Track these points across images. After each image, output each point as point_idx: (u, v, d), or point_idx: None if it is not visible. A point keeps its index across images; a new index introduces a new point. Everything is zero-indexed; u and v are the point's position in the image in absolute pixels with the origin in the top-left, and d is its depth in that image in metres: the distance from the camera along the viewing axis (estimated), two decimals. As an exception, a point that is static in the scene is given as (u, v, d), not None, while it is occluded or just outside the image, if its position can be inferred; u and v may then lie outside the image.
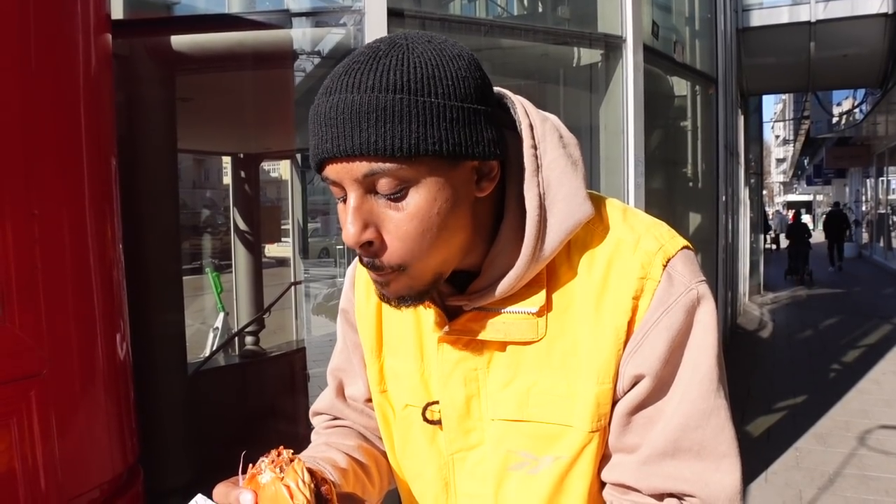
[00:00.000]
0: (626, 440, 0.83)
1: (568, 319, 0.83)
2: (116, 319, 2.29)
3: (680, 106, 4.91)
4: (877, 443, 5.35)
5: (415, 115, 0.70)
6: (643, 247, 0.81)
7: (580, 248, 0.84)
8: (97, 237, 2.17)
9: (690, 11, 5.10)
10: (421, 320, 0.93)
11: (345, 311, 1.07)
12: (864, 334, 9.62)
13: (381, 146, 0.70)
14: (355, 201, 0.74)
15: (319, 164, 0.75)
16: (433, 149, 0.71)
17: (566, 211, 0.81)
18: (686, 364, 0.80)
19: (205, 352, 6.76)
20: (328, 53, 3.61)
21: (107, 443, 2.18)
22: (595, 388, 0.81)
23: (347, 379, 1.11)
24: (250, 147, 6.89)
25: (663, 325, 0.79)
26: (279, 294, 7.13)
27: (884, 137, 17.59)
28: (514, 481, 0.88)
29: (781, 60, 11.18)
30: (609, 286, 0.81)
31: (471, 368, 0.88)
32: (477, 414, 0.89)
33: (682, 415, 0.80)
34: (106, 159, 2.28)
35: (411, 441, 0.97)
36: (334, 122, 0.71)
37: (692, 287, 0.80)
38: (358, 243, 0.75)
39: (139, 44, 3.27)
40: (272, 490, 0.72)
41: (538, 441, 0.86)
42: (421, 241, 0.75)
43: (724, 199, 5.79)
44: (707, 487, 0.79)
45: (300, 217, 7.99)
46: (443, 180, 0.74)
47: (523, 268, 0.80)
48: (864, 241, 23.97)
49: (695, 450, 0.80)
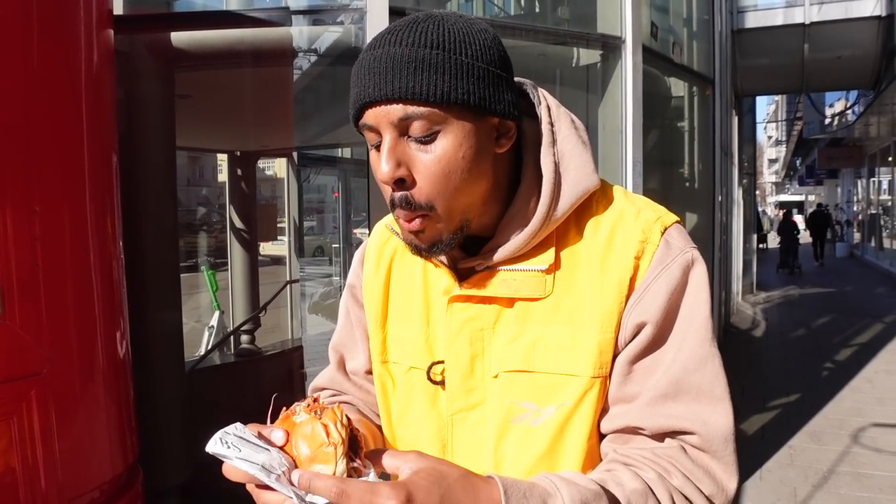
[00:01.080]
0: (627, 390, 0.89)
1: (574, 278, 0.91)
2: (116, 317, 2.28)
3: (677, 106, 4.92)
4: (870, 441, 5.38)
5: (448, 69, 0.81)
6: (644, 216, 0.92)
7: (587, 215, 0.93)
8: (98, 234, 2.16)
9: (688, 13, 5.11)
10: (429, 287, 1.00)
11: (352, 286, 1.14)
12: (857, 333, 9.67)
13: (417, 91, 0.79)
14: (390, 142, 0.82)
15: (359, 110, 0.84)
16: (462, 98, 0.81)
17: (577, 178, 0.92)
18: (683, 316, 0.88)
19: (200, 350, 6.74)
20: (327, 51, 3.60)
21: (107, 442, 2.17)
22: (598, 335, 0.88)
23: (349, 353, 1.16)
24: (248, 144, 6.87)
25: (663, 280, 0.88)
26: (275, 292, 7.11)
27: (875, 139, 17.67)
28: (514, 434, 0.92)
29: (775, 62, 11.22)
30: (613, 248, 0.90)
31: (477, 328, 0.94)
32: (480, 373, 0.95)
33: (682, 360, 0.87)
34: (107, 156, 2.27)
35: (412, 406, 1.01)
36: (377, 70, 0.81)
37: (687, 251, 0.90)
38: (392, 179, 0.83)
39: (139, 40, 3.25)
40: (309, 429, 0.72)
41: (542, 391, 0.91)
42: (447, 181, 0.84)
43: (721, 198, 5.80)
44: (706, 426, 0.85)
45: (296, 215, 7.97)
46: (468, 130, 0.83)
47: (538, 224, 0.89)
48: (855, 241, 24.08)
49: (693, 392, 0.86)
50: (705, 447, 0.86)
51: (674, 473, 0.85)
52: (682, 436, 0.87)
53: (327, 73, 3.91)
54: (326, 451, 0.71)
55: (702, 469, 0.86)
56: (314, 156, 8.28)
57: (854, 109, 15.12)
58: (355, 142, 6.14)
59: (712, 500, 0.86)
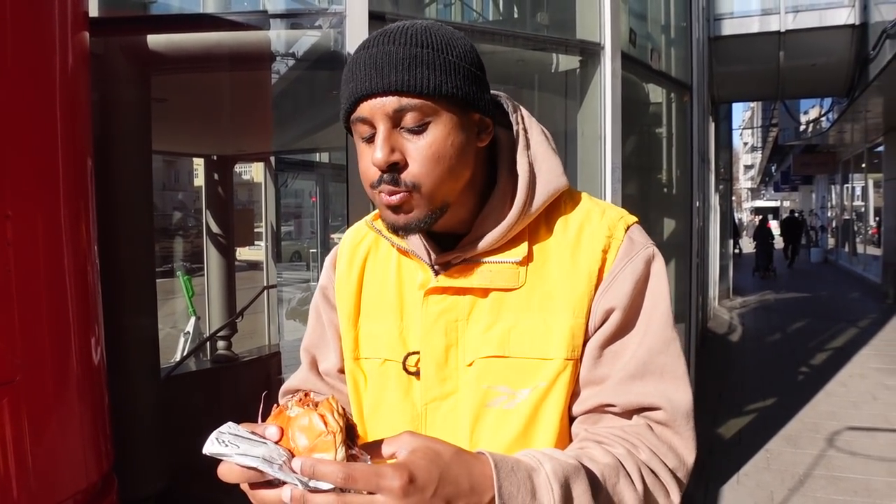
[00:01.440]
0: (598, 372, 0.96)
1: (546, 270, 0.99)
2: (91, 323, 2.25)
3: (655, 113, 4.94)
4: (845, 444, 5.45)
5: (437, 65, 0.90)
6: (608, 214, 1.02)
7: (556, 214, 1.03)
8: (72, 239, 2.13)
9: (666, 20, 5.15)
10: (403, 282, 1.07)
11: (324, 287, 1.18)
12: (831, 337, 9.79)
13: (412, 84, 0.88)
14: (385, 132, 0.90)
15: (354, 104, 0.91)
16: (452, 92, 0.90)
17: (549, 178, 1.02)
18: (647, 305, 0.98)
19: (176, 357, 6.67)
20: (305, 55, 3.58)
21: (81, 451, 2.13)
22: (571, 320, 0.96)
23: (321, 354, 1.20)
24: (225, 149, 6.83)
25: (628, 270, 0.97)
26: (252, 298, 7.06)
27: (849, 145, 17.95)
28: (489, 418, 0.98)
29: (751, 69, 11.34)
30: (582, 242, 0.99)
31: (452, 319, 1.01)
32: (453, 363, 1.01)
33: (648, 343, 0.96)
34: (82, 160, 2.23)
35: (385, 398, 1.06)
36: (373, 66, 0.89)
37: (648, 246, 1.00)
38: (386, 163, 0.89)
39: (115, 42, 3.21)
40: (306, 420, 0.73)
41: (518, 374, 0.97)
42: (436, 165, 0.91)
43: (698, 204, 5.85)
44: (671, 402, 0.94)
45: (273, 220, 7.93)
46: (455, 122, 0.92)
47: (515, 217, 0.98)
48: (829, 246, 24.39)
49: (659, 372, 0.95)
50: (669, 422, 0.94)
51: (641, 448, 0.92)
52: (649, 412, 0.95)
53: (305, 77, 3.89)
54: (326, 439, 0.71)
55: (666, 445, 0.94)
56: (292, 160, 8.23)
57: (828, 116, 15.33)
58: (333, 146, 6.12)
59: (675, 472, 0.94)
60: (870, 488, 4.58)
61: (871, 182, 18.25)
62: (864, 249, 18.86)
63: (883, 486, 4.60)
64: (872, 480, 4.70)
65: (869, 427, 5.84)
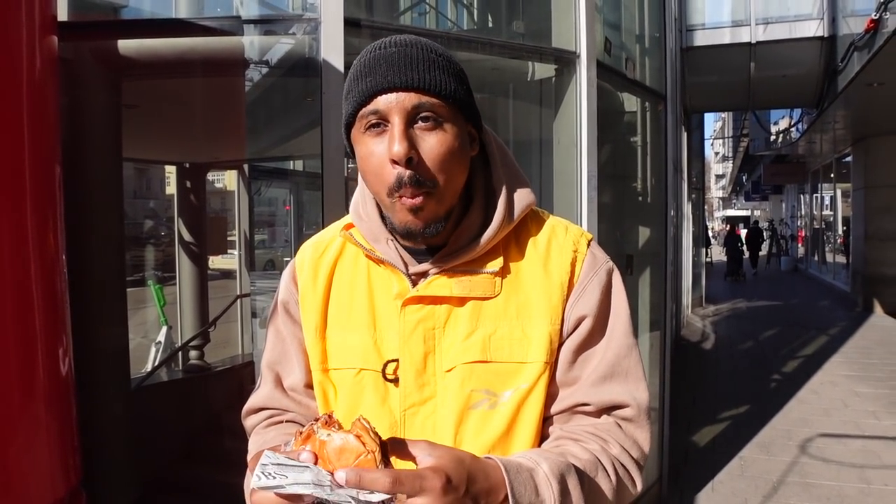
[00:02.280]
0: (571, 374, 1.05)
1: (519, 280, 1.06)
2: (59, 333, 2.20)
3: (630, 122, 4.97)
4: (817, 451, 5.50)
5: (451, 73, 0.99)
6: (571, 231, 1.12)
7: (524, 229, 1.11)
8: (39, 248, 2.08)
9: (640, 29, 5.18)
10: (374, 293, 1.09)
11: (285, 302, 1.18)
12: (803, 345, 9.91)
13: (432, 85, 0.95)
14: (401, 127, 0.94)
15: (370, 97, 0.95)
16: (462, 97, 0.99)
17: (523, 194, 1.10)
18: (612, 314, 1.08)
19: (147, 366, 6.57)
20: (280, 62, 3.55)
21: (48, 464, 2.08)
22: (548, 327, 1.04)
23: (284, 370, 1.19)
24: (197, 156, 6.76)
25: (596, 281, 1.07)
26: (225, 307, 6.99)
27: (818, 156, 18.22)
28: (472, 420, 1.03)
29: (723, 79, 11.48)
30: (551, 256, 1.08)
31: (429, 328, 1.04)
32: (431, 369, 1.04)
33: (614, 349, 1.06)
34: (50, 167, 2.18)
35: (360, 408, 1.07)
36: (396, 63, 0.95)
37: (608, 261, 1.11)
38: (405, 156, 0.93)
39: (85, 47, 3.16)
40: (340, 441, 0.76)
41: (499, 378, 1.03)
42: (448, 163, 0.97)
43: (672, 213, 5.89)
44: (635, 400, 1.04)
45: (247, 228, 7.86)
46: (459, 127, 1.00)
47: (495, 230, 1.04)
48: (800, 255, 24.73)
49: (624, 374, 1.05)
50: (635, 417, 1.04)
51: (612, 444, 1.02)
52: (618, 410, 1.04)
53: (280, 84, 3.85)
54: (367, 458, 0.75)
55: (631, 439, 1.04)
56: (265, 168, 8.17)
57: (798, 127, 15.55)
58: (308, 154, 6.08)
59: (639, 462, 1.05)
60: (842, 494, 4.63)
61: (840, 192, 18.55)
62: (833, 258, 19.15)
63: (854, 492, 4.65)
64: (844, 487, 4.75)
65: (840, 434, 5.91)
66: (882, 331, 11.03)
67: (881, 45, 6.90)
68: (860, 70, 7.89)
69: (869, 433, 5.92)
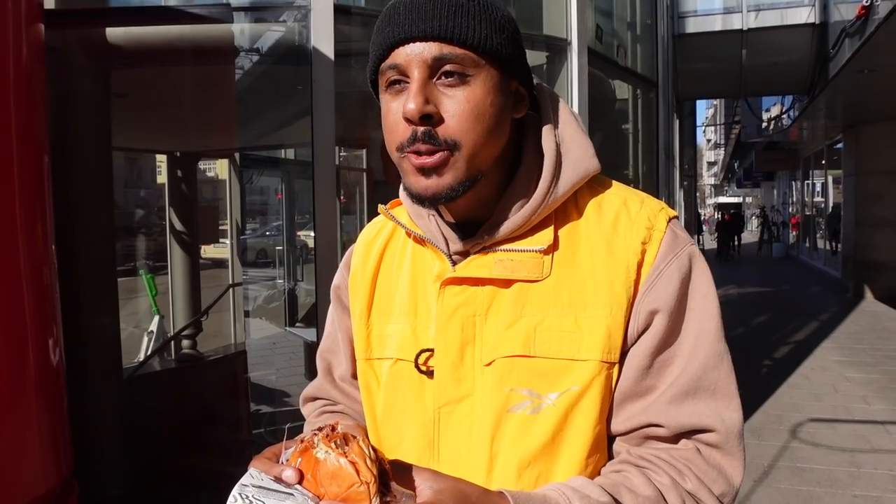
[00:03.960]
0: (645, 383, 0.87)
1: (576, 261, 0.89)
2: (49, 324, 2.19)
3: (622, 109, 4.98)
4: (808, 435, 5.54)
5: (485, 19, 0.83)
6: (648, 204, 0.92)
7: (588, 201, 0.93)
8: (28, 239, 2.07)
9: (632, 17, 5.18)
10: (417, 276, 0.97)
11: (337, 287, 1.11)
12: (794, 331, 9.96)
13: (457, 33, 0.81)
14: (420, 81, 0.82)
15: (388, 49, 0.83)
16: (496, 48, 0.83)
17: (578, 159, 0.92)
18: (695, 309, 0.87)
19: (139, 356, 6.55)
20: (270, 50, 3.53)
21: (39, 455, 2.07)
22: (607, 319, 0.86)
23: (335, 360, 1.13)
24: (188, 145, 6.71)
25: (675, 267, 0.87)
26: (217, 296, 6.97)
27: (810, 142, 18.27)
28: (511, 425, 0.88)
29: (715, 66, 11.47)
30: (619, 232, 0.89)
31: (469, 314, 0.90)
32: (469, 362, 0.90)
33: (701, 356, 0.86)
34: (38, 157, 2.17)
35: (397, 401, 0.96)
36: (415, 10, 0.82)
37: (692, 243, 0.91)
38: (419, 114, 0.81)
39: (72, 35, 3.13)
40: (334, 465, 0.69)
41: (544, 377, 0.87)
42: (475, 123, 0.83)
43: (663, 199, 5.90)
44: (724, 423, 0.85)
45: (238, 218, 7.83)
46: (495, 82, 0.84)
47: (539, 201, 0.89)
48: (791, 241, 24.83)
49: (712, 389, 0.86)
50: (721, 444, 0.85)
51: (688, 476, 0.84)
52: (700, 434, 0.86)
53: (270, 71, 3.84)
54: (359, 490, 0.68)
55: (715, 469, 0.85)
56: (257, 157, 8.14)
57: (789, 114, 15.58)
58: (299, 143, 6.05)
59: (722, 499, 0.86)
60: (832, 478, 4.66)
61: (831, 178, 18.61)
62: (824, 245, 19.23)
63: (845, 476, 4.69)
64: (835, 471, 4.78)
65: (831, 418, 5.95)
66: (872, 316, 11.09)
67: (872, 32, 6.90)
68: (851, 57, 7.90)
69: (859, 417, 5.96)
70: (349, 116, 4.19)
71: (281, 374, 6.73)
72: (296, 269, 7.97)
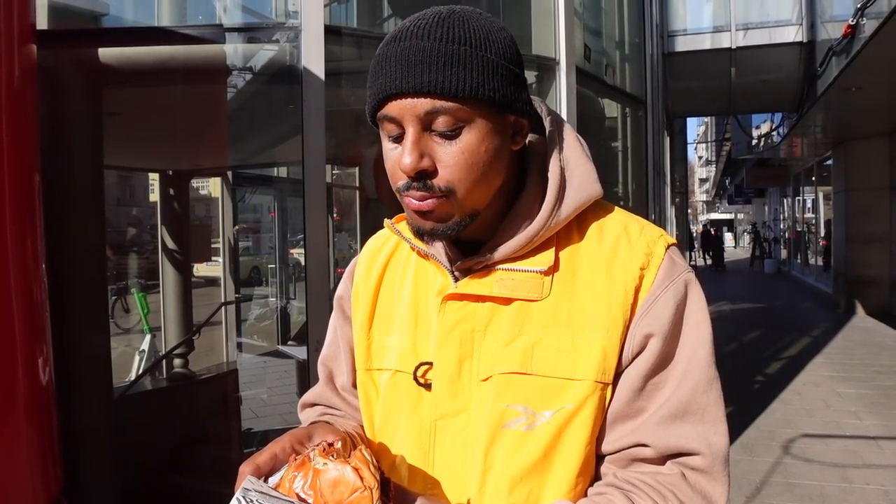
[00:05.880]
0: (636, 405, 0.89)
1: (575, 283, 0.92)
2: (39, 342, 2.19)
3: (611, 127, 5.02)
4: (800, 451, 5.54)
5: (475, 65, 0.82)
6: (648, 231, 0.95)
7: (590, 224, 0.96)
8: (18, 257, 2.07)
9: (620, 36, 5.24)
10: (419, 290, 1.00)
11: (340, 297, 1.14)
12: (786, 347, 9.98)
13: (447, 86, 0.81)
14: (414, 135, 0.84)
15: (382, 101, 0.85)
16: (488, 94, 0.83)
17: (581, 184, 0.94)
18: (688, 335, 0.90)
19: (130, 375, 6.52)
20: (261, 70, 3.55)
21: (28, 474, 2.07)
22: (603, 340, 0.88)
23: (336, 368, 1.15)
24: (180, 164, 6.72)
25: (670, 293, 0.89)
26: (209, 314, 6.95)
27: (800, 159, 18.39)
28: (505, 440, 0.90)
29: (705, 84, 11.55)
30: (618, 256, 0.91)
31: (468, 330, 0.93)
32: (467, 377, 0.93)
33: (692, 381, 0.88)
34: (29, 175, 2.18)
35: (395, 412, 0.99)
36: (405, 63, 0.82)
37: (689, 270, 0.93)
38: (415, 170, 0.84)
39: (65, 55, 3.15)
40: (336, 473, 0.70)
41: (539, 394, 0.89)
42: (469, 172, 0.85)
43: (654, 217, 5.93)
44: (710, 448, 0.87)
45: (231, 236, 7.83)
46: (490, 126, 0.86)
47: (541, 223, 0.91)
48: (783, 257, 24.91)
49: (699, 413, 0.88)
50: (707, 468, 0.87)
51: (672, 502, 0.86)
52: (686, 457, 0.88)
53: (262, 91, 3.86)
54: (362, 495, 0.68)
55: (699, 495, 0.87)
56: (250, 175, 8.16)
57: (779, 131, 15.68)
58: (291, 161, 6.07)
59: None
60: (824, 494, 4.66)
61: (822, 194, 18.72)
62: (815, 260, 19.30)
63: (836, 492, 4.69)
64: (826, 486, 4.78)
65: (822, 434, 5.96)
66: (863, 332, 11.12)
67: (858, 50, 6.98)
68: (838, 74, 7.98)
69: (850, 433, 5.96)
70: (341, 135, 4.22)
71: (272, 392, 6.71)
72: (288, 286, 7.97)
